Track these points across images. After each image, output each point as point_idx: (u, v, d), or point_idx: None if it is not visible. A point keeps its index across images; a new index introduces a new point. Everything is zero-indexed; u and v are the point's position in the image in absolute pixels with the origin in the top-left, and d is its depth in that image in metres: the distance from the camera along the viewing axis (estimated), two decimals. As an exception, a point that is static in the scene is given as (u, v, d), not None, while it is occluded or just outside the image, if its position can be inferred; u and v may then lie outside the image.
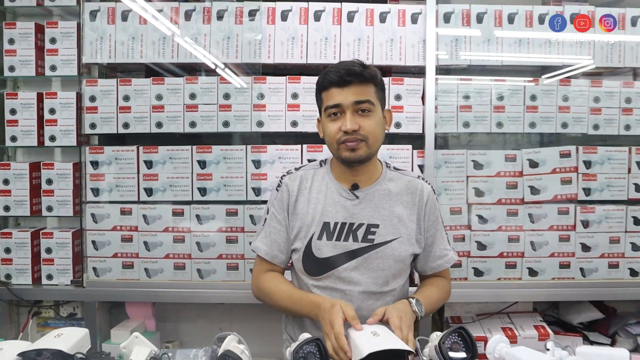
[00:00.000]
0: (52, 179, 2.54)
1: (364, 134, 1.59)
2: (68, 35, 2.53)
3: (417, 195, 1.73)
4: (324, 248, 1.66)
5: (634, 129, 2.62)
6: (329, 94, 1.61)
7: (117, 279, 2.54)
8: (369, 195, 1.70)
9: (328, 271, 1.67)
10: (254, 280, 1.78)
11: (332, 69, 1.63)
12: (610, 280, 2.61)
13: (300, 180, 1.73)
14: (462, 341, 1.36)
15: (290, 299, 1.66)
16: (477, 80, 2.59)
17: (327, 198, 1.69)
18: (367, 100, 1.60)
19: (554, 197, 2.59)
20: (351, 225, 1.66)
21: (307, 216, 1.69)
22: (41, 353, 1.40)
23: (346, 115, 1.59)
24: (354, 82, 1.59)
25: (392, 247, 1.67)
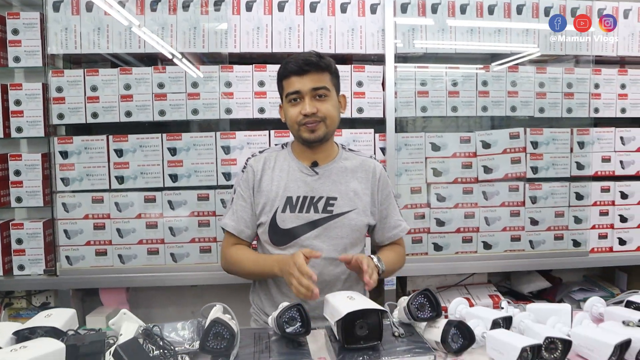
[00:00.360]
0: (21, 170, 2.55)
1: (321, 115, 1.75)
2: (31, 26, 2.52)
3: (370, 173, 1.89)
4: (288, 220, 1.80)
5: (575, 112, 2.84)
6: (289, 82, 1.76)
7: (91, 266, 2.57)
8: (327, 171, 1.84)
9: (292, 241, 1.81)
10: (222, 254, 1.90)
11: (292, 59, 1.77)
12: (556, 251, 2.83)
13: (264, 161, 1.87)
14: (427, 302, 1.49)
15: (255, 263, 1.80)
16: (433, 67, 2.75)
17: (289, 175, 1.83)
18: (324, 86, 1.76)
19: (505, 176, 2.78)
20: (312, 199, 1.81)
21: (271, 192, 1.82)
22: (35, 331, 1.46)
23: (305, 100, 1.74)
24: (311, 70, 1.74)
25: (349, 217, 1.82)
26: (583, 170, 2.84)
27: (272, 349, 1.38)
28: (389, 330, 1.45)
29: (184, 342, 1.42)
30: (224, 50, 2.57)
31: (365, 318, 1.34)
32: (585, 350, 1.34)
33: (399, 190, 2.69)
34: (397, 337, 1.42)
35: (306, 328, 1.41)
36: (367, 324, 1.34)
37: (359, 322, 1.33)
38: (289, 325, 1.41)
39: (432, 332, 1.43)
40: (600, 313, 1.59)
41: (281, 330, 1.40)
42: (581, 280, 3.15)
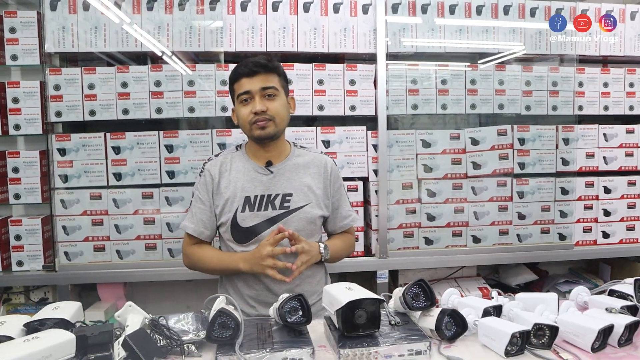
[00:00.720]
0: (19, 167, 2.58)
1: (271, 114, 1.83)
2: (28, 24, 2.55)
3: (322, 168, 1.98)
4: (248, 219, 1.88)
5: (560, 110, 2.94)
6: (240, 84, 1.84)
7: (89, 262, 2.62)
8: (281, 169, 1.92)
9: (253, 238, 1.89)
10: (185, 252, 1.98)
11: (242, 64, 1.85)
12: (542, 244, 2.92)
13: (220, 164, 1.94)
14: (422, 292, 1.57)
15: (220, 261, 1.90)
16: (423, 65, 2.83)
17: (245, 176, 1.90)
18: (272, 86, 1.83)
19: (493, 172, 2.87)
20: (269, 197, 1.89)
21: (229, 193, 1.89)
22: (44, 323, 1.50)
23: (255, 99, 1.82)
24: (261, 72, 1.82)
25: (304, 211, 1.91)
26: (568, 166, 2.94)
27: (274, 337, 1.44)
28: (386, 319, 1.52)
29: (189, 332, 1.47)
30: (220, 49, 2.62)
31: (364, 307, 1.40)
32: (571, 335, 1.42)
33: (391, 186, 2.76)
34: (394, 325, 1.49)
35: (307, 317, 1.47)
36: (366, 313, 1.40)
37: (358, 311, 1.40)
38: (290, 315, 1.47)
39: (426, 320, 1.50)
40: (585, 301, 1.67)
41: (283, 319, 1.46)
42: (567, 273, 3.25)
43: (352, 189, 2.72)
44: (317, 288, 1.96)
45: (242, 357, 1.31)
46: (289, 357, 1.33)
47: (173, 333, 1.44)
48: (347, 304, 1.38)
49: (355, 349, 1.35)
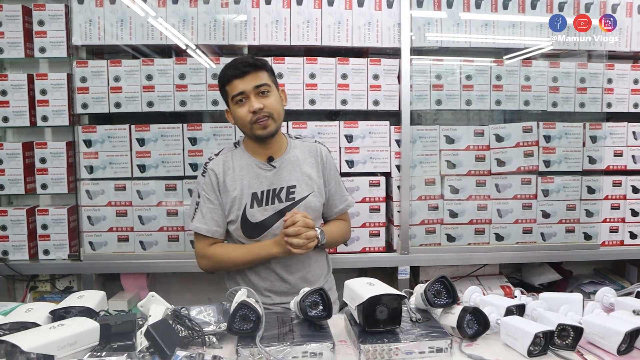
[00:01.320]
0: (46, 158, 2.63)
1: (268, 110, 1.87)
2: (56, 17, 2.59)
3: (318, 156, 2.04)
4: (257, 214, 1.94)
5: (588, 107, 2.87)
6: (232, 85, 1.88)
7: (113, 252, 2.66)
8: (283, 163, 1.98)
9: (264, 232, 1.95)
10: (200, 255, 2.00)
11: (229, 65, 1.90)
12: (567, 244, 2.87)
13: (223, 163, 1.98)
14: (444, 289, 1.56)
15: (249, 252, 1.94)
16: (448, 61, 2.79)
17: (249, 173, 1.95)
18: (265, 83, 1.87)
19: (518, 169, 2.83)
20: (274, 190, 1.95)
21: (236, 191, 1.93)
22: (69, 311, 1.53)
23: (250, 98, 1.86)
24: (250, 71, 1.86)
25: (309, 200, 1.98)
26: (595, 165, 2.88)
27: (295, 331, 1.44)
28: (407, 315, 1.51)
29: (211, 324, 1.49)
30: (244, 43, 2.63)
31: (385, 303, 1.40)
32: (596, 337, 1.39)
33: (413, 182, 2.74)
34: (415, 322, 1.49)
35: (328, 312, 1.47)
36: (387, 309, 1.40)
37: (379, 307, 1.39)
38: (311, 309, 1.48)
39: (448, 318, 1.49)
40: (610, 303, 1.64)
41: (304, 313, 1.47)
42: (591, 273, 3.19)
43: (375, 184, 2.71)
44: (323, 271, 2.08)
45: (263, 350, 1.32)
46: (310, 351, 1.34)
47: (195, 324, 1.45)
48: (369, 300, 1.38)
49: (376, 344, 1.35)
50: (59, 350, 1.29)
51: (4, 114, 2.61)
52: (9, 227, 2.63)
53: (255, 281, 1.97)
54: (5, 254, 2.63)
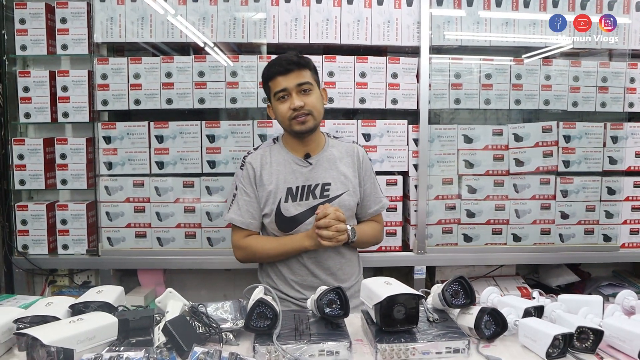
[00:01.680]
0: (66, 154, 2.66)
1: (309, 108, 1.92)
2: (78, 15, 2.62)
3: (355, 157, 2.08)
4: (291, 208, 1.99)
5: (609, 106, 2.83)
6: (275, 82, 1.93)
7: (131, 248, 2.69)
8: (319, 161, 2.02)
9: (297, 226, 2.00)
10: (235, 246, 2.07)
11: (274, 62, 1.95)
12: (586, 245, 2.84)
13: (260, 157, 2.04)
14: (462, 289, 1.55)
15: (283, 245, 1.99)
16: (467, 59, 2.77)
17: (286, 168, 2.01)
18: (307, 81, 1.93)
19: (537, 169, 2.80)
20: (309, 187, 2.00)
21: (272, 185, 1.99)
22: (88, 305, 1.55)
23: (292, 95, 1.91)
24: (294, 69, 1.91)
25: (343, 198, 2.01)
26: (616, 165, 2.84)
27: (311, 329, 1.44)
28: (424, 315, 1.50)
29: (228, 321, 1.49)
30: (263, 41, 2.63)
31: (403, 303, 1.39)
32: (616, 341, 1.37)
33: (431, 181, 2.73)
34: (432, 322, 1.48)
35: (345, 310, 1.47)
36: (405, 309, 1.39)
37: (396, 307, 1.39)
38: (328, 307, 1.48)
39: (465, 318, 1.48)
40: (631, 306, 1.62)
41: (321, 311, 1.47)
42: (610, 276, 3.15)
43: (392, 183, 2.70)
44: (354, 270, 2.10)
45: (280, 348, 1.32)
46: (326, 350, 1.34)
47: (212, 321, 1.46)
48: (387, 299, 1.37)
49: (393, 344, 1.34)
50: (78, 344, 1.30)
51: (26, 110, 2.64)
52: (29, 222, 2.67)
53: (287, 274, 2.02)
54: (25, 248, 2.67)
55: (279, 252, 2.00)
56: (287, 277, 2.02)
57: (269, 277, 2.08)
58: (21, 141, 2.65)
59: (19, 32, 2.62)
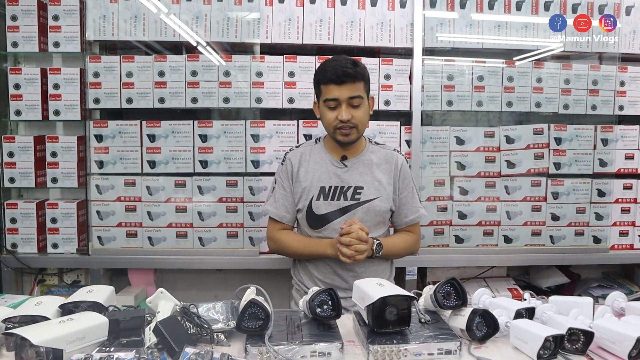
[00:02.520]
0: (57, 152, 2.64)
1: (355, 122, 1.94)
2: (71, 12, 2.61)
3: (393, 164, 2.08)
4: (322, 206, 2.03)
5: (600, 109, 2.86)
6: (328, 88, 1.93)
7: (122, 247, 2.67)
8: (355, 164, 2.05)
9: (325, 224, 2.03)
10: (269, 237, 2.14)
11: (330, 67, 1.92)
12: (576, 247, 2.86)
13: (300, 155, 2.09)
14: (453, 291, 1.55)
15: (308, 247, 2.05)
16: (460, 61, 2.78)
17: (322, 167, 2.04)
18: (359, 95, 1.93)
19: (528, 171, 2.82)
20: (342, 188, 2.03)
21: (307, 182, 2.04)
22: (78, 305, 1.54)
23: (342, 107, 1.92)
24: (349, 81, 1.90)
25: (374, 203, 2.02)
26: (606, 168, 2.86)
27: (303, 330, 1.44)
28: (416, 317, 1.51)
29: (219, 321, 1.49)
30: (256, 41, 2.63)
31: (395, 304, 1.40)
32: (607, 342, 1.38)
33: (423, 183, 2.74)
34: (424, 323, 1.48)
35: (337, 312, 1.47)
36: (397, 310, 1.39)
37: (388, 308, 1.39)
38: (320, 308, 1.48)
39: (457, 320, 1.49)
40: (621, 307, 1.63)
41: (313, 312, 1.47)
42: (600, 277, 3.17)
43: (384, 184, 2.70)
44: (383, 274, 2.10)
45: (272, 349, 1.32)
46: (318, 351, 1.34)
47: (203, 321, 1.45)
48: (379, 300, 1.37)
49: (385, 345, 1.34)
50: (68, 345, 1.29)
51: (16, 108, 2.62)
52: (19, 220, 2.65)
53: (312, 271, 2.07)
54: (14, 246, 2.65)
55: (304, 252, 2.06)
56: (312, 274, 2.07)
57: (298, 272, 2.15)
58: (11, 139, 2.63)
59: (11, 28, 2.60)
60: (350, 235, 1.87)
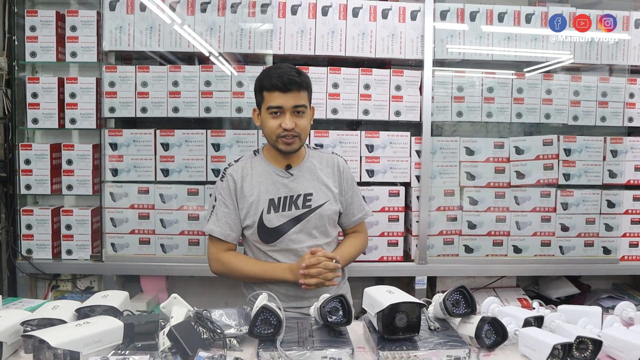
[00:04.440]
0: (72, 160, 2.69)
1: (298, 130, 1.92)
2: (88, 23, 2.67)
3: (335, 167, 2.10)
4: (274, 219, 1.99)
5: (609, 121, 2.87)
6: (272, 95, 1.90)
7: (135, 254, 2.71)
8: (300, 171, 2.04)
9: (280, 237, 2.00)
10: (213, 258, 2.05)
11: (275, 74, 1.89)
12: (586, 257, 2.86)
13: (241, 169, 2.04)
14: (462, 299, 1.57)
15: (264, 272, 1.99)
16: (470, 73, 2.81)
17: (267, 179, 2.01)
18: (303, 104, 1.93)
19: (537, 182, 2.83)
20: (292, 197, 2.00)
21: (253, 196, 1.99)
22: (94, 309, 1.58)
23: (286, 115, 1.90)
24: (294, 89, 1.89)
25: (325, 208, 2.03)
26: (615, 179, 2.87)
27: (314, 336, 1.47)
28: (425, 324, 1.53)
29: (232, 327, 1.51)
30: (269, 52, 2.68)
31: (405, 311, 1.42)
32: (615, 351, 1.40)
33: (433, 193, 2.76)
34: (433, 330, 1.50)
35: (347, 318, 1.49)
36: (407, 317, 1.42)
37: (398, 315, 1.41)
38: (331, 315, 1.50)
39: (466, 327, 1.50)
40: (630, 317, 1.64)
41: (324, 319, 1.49)
42: (610, 288, 3.17)
43: (394, 194, 2.73)
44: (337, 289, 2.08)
45: (283, 354, 1.34)
46: (329, 356, 1.36)
47: (216, 326, 1.48)
48: (389, 307, 1.40)
49: (395, 351, 1.36)
50: (84, 347, 1.33)
51: (34, 116, 2.68)
52: (34, 227, 2.69)
53: (270, 285, 2.00)
54: (29, 252, 2.70)
55: (258, 276, 1.99)
56: (270, 288, 1.96)
57: (251, 290, 2.04)
58: (28, 146, 2.68)
59: (29, 39, 2.66)
60: (319, 266, 1.86)
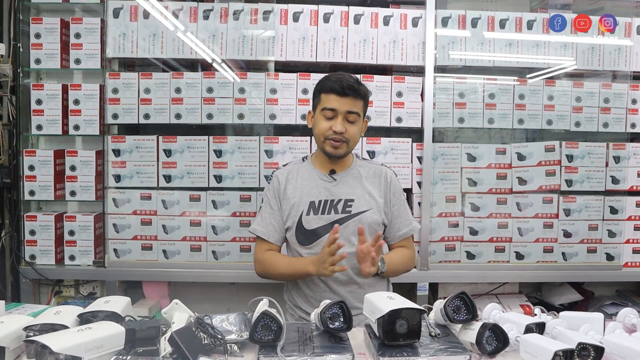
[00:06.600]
0: (76, 166, 2.71)
1: (347, 137, 1.95)
2: (92, 30, 2.69)
3: (382, 178, 2.09)
4: (312, 221, 2.01)
5: (612, 127, 2.87)
6: (329, 97, 1.94)
7: (137, 260, 2.72)
8: (344, 177, 2.05)
9: (317, 239, 2.01)
10: (255, 259, 2.10)
11: (336, 78, 1.94)
12: (589, 264, 2.85)
13: (287, 172, 2.09)
14: (463, 305, 1.57)
15: (290, 266, 2.01)
16: (471, 79, 2.81)
17: (310, 183, 2.04)
18: (357, 112, 1.95)
19: (539, 188, 2.83)
20: (332, 201, 2.02)
21: (295, 198, 2.02)
22: (96, 315, 1.58)
23: (338, 119, 1.93)
24: (351, 95, 1.92)
25: (366, 215, 2.02)
26: (618, 185, 2.87)
27: (315, 342, 1.46)
28: (426, 330, 1.52)
29: (233, 332, 1.51)
30: (271, 59, 2.69)
31: (405, 317, 1.42)
32: (617, 357, 1.39)
33: (434, 199, 2.76)
34: (434, 337, 1.50)
35: (348, 324, 1.49)
36: (407, 323, 1.41)
37: (399, 321, 1.41)
38: (332, 321, 1.50)
39: (467, 334, 1.50)
40: (633, 324, 1.63)
41: (324, 325, 1.49)
42: (613, 295, 3.15)
43: (395, 200, 2.73)
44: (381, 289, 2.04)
45: (284, 359, 1.34)
46: (329, 362, 1.36)
47: (217, 332, 1.48)
48: (389, 313, 1.39)
49: (395, 357, 1.36)
50: (86, 352, 1.33)
51: (38, 122, 2.69)
52: (38, 232, 2.70)
53: (306, 292, 2.04)
54: (32, 258, 2.71)
55: (287, 272, 2.01)
56: (306, 294, 2.03)
57: (291, 296, 2.11)
58: (32, 152, 2.70)
59: (34, 46, 2.68)
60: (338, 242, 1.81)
